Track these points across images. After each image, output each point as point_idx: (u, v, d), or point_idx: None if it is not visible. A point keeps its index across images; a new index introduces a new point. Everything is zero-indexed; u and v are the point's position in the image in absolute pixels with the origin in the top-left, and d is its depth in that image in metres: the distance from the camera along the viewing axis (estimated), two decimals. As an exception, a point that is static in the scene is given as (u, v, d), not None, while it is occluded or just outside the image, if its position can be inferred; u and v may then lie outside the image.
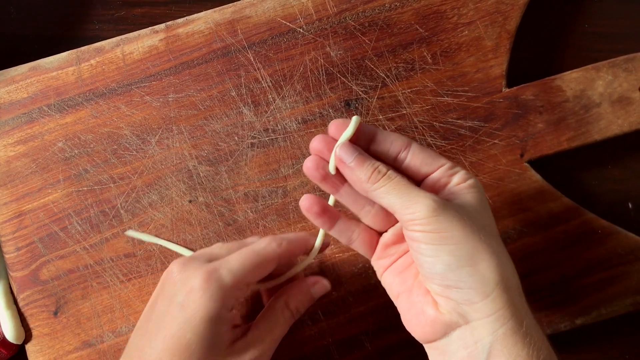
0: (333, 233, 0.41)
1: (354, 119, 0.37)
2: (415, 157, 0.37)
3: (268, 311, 0.41)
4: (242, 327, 0.40)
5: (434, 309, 0.34)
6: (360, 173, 0.36)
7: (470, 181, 0.36)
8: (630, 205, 0.52)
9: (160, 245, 0.48)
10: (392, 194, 0.35)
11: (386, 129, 0.49)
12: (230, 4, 0.50)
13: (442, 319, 0.34)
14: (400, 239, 0.39)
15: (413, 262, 0.37)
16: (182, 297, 0.36)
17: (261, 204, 0.49)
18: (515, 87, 0.50)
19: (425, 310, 0.35)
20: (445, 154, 0.49)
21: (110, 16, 0.54)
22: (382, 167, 0.36)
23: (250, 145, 0.49)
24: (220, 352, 0.37)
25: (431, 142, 0.49)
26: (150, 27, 0.50)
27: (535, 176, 0.49)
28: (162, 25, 0.50)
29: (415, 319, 0.36)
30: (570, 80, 0.50)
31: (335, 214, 0.40)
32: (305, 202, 0.39)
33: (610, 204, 0.52)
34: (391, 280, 0.39)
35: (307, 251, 0.42)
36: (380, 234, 0.41)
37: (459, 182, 0.36)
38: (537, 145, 0.49)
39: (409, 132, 0.49)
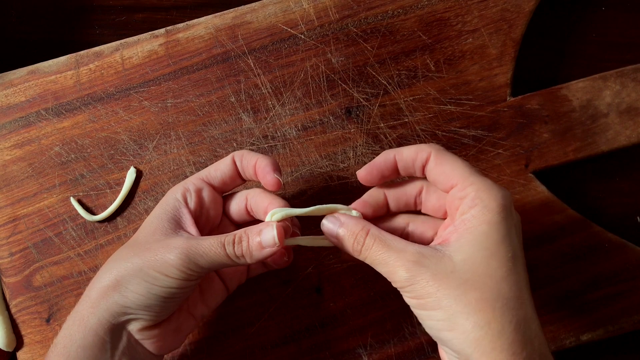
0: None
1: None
2: (429, 175, 0.37)
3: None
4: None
5: (446, 355, 0.35)
6: (347, 245, 0.37)
7: (474, 210, 0.34)
8: (639, 219, 0.51)
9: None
10: (376, 263, 0.36)
11: (387, 138, 0.48)
12: (231, 9, 0.50)
13: None
14: None
15: None
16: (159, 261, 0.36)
17: (259, 212, 0.48)
18: (520, 96, 0.49)
19: (441, 352, 0.37)
20: (447, 163, 0.48)
21: (111, 21, 0.54)
22: (360, 237, 0.36)
23: (248, 152, 0.48)
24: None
25: (433, 151, 0.48)
26: (150, 32, 0.49)
27: (540, 187, 0.48)
28: (162, 30, 0.49)
29: (442, 357, 0.37)
30: (577, 90, 0.49)
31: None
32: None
33: (618, 217, 0.51)
34: None
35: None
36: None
37: (463, 212, 0.34)
38: (542, 155, 0.48)
39: (410, 140, 0.48)
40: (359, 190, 0.47)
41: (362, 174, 0.39)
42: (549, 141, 0.48)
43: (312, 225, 0.45)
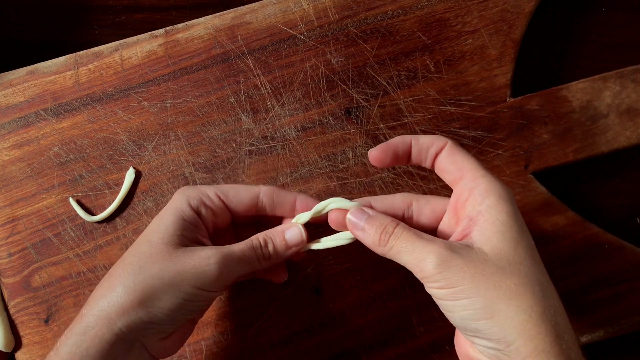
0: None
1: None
2: (439, 162, 0.38)
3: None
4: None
5: (471, 348, 0.35)
6: (372, 235, 0.36)
7: (488, 200, 0.34)
8: (639, 221, 0.51)
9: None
10: (403, 252, 0.35)
11: (387, 138, 0.48)
12: (231, 10, 0.49)
13: (477, 357, 0.34)
14: None
15: None
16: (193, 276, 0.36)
17: (258, 213, 0.48)
18: (520, 97, 0.49)
19: (463, 346, 0.36)
20: (447, 164, 0.48)
21: (111, 21, 0.54)
22: (390, 226, 0.36)
23: (248, 153, 0.48)
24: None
25: (433, 151, 0.48)
26: (149, 32, 0.49)
27: (539, 188, 0.48)
28: (162, 30, 0.49)
29: (460, 353, 0.37)
30: (577, 91, 0.49)
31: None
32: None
33: (618, 219, 0.51)
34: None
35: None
36: None
37: (476, 203, 0.34)
38: (542, 156, 0.48)
39: (410, 141, 0.48)
40: (359, 190, 0.48)
41: (376, 153, 0.38)
42: (549, 142, 0.48)
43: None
